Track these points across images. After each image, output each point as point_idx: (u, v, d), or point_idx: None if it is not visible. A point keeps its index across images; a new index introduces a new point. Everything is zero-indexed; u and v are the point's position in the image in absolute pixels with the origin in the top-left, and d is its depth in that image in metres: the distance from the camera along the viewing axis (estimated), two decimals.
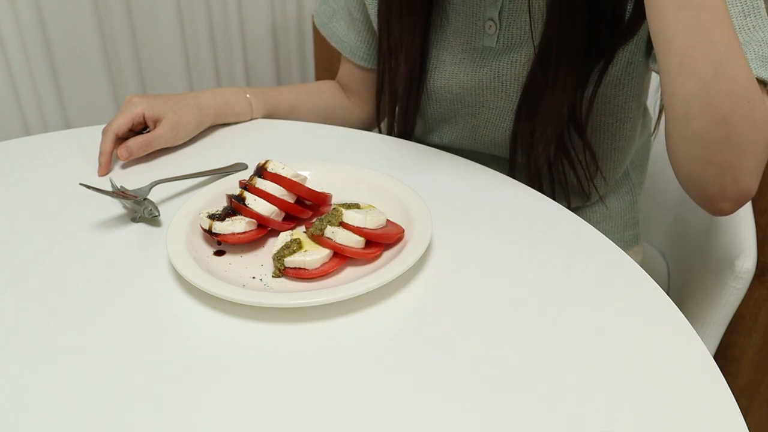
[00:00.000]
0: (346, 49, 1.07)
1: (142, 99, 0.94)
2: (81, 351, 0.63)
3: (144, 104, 0.93)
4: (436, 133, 1.03)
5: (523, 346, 0.62)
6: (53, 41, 1.46)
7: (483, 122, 0.96)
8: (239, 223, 0.72)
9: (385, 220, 0.73)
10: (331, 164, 0.86)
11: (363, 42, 1.06)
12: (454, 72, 0.94)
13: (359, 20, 1.04)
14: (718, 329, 0.92)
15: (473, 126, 0.97)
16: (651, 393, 0.58)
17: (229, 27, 1.65)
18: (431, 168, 0.90)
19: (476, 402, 0.57)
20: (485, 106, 0.94)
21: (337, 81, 1.15)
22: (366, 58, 1.07)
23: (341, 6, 1.06)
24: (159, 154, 0.94)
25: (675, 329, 0.65)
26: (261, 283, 0.69)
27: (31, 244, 0.77)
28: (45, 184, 0.88)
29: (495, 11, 0.88)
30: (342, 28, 1.06)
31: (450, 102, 0.97)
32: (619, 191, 1.02)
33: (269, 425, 0.56)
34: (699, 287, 0.95)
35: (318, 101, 1.11)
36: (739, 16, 0.75)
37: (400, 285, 0.68)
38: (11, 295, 0.70)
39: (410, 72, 0.95)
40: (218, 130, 1.02)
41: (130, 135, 0.94)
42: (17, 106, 1.45)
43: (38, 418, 0.56)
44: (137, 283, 0.71)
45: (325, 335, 0.64)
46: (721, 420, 0.55)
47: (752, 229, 0.92)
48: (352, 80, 1.12)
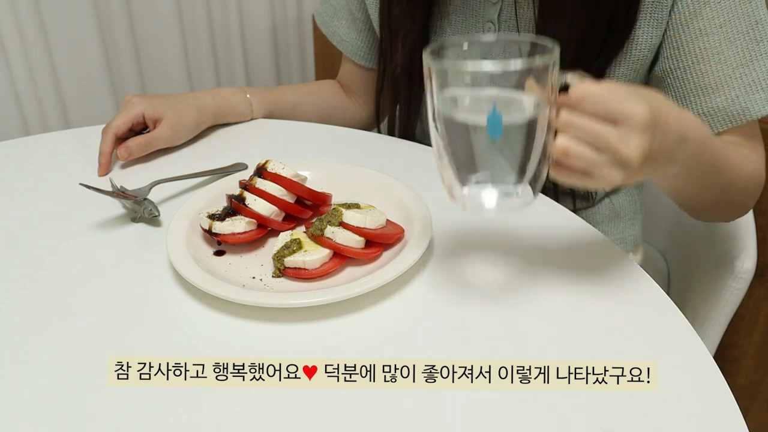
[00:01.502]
0: (347, 48, 1.07)
1: (141, 99, 0.94)
2: (81, 351, 0.63)
3: (143, 104, 0.93)
4: None
5: (522, 346, 0.62)
6: (53, 41, 1.45)
7: None
8: (239, 223, 0.72)
9: (385, 220, 0.73)
10: (331, 164, 0.86)
11: (364, 41, 1.06)
12: None
13: (360, 20, 1.04)
14: (718, 329, 0.92)
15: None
16: (651, 393, 0.58)
17: (229, 27, 1.65)
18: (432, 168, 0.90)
19: (476, 401, 0.57)
20: None
21: (337, 81, 1.15)
22: (367, 58, 1.07)
23: (342, 5, 1.06)
24: (159, 154, 0.94)
25: (675, 329, 0.65)
26: (261, 283, 0.69)
27: (31, 244, 0.77)
28: (45, 184, 0.88)
29: (494, 13, 0.88)
30: (343, 27, 1.06)
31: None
32: (620, 192, 1.02)
33: (269, 425, 0.56)
34: (699, 287, 0.95)
35: (318, 101, 1.11)
36: (751, 43, 0.77)
37: (400, 285, 0.68)
38: (11, 295, 0.70)
39: (409, 58, 0.93)
40: (218, 130, 1.02)
41: (129, 135, 0.94)
42: (17, 106, 1.45)
43: (39, 418, 0.56)
44: (137, 283, 0.71)
45: (325, 335, 0.64)
46: (721, 420, 0.55)
47: (752, 229, 0.92)
48: (352, 80, 1.12)
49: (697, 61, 0.79)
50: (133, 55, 1.56)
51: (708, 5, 0.76)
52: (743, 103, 0.78)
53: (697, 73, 0.79)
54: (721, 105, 0.79)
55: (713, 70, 0.78)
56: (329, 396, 0.58)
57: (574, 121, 0.54)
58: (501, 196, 0.57)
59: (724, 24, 0.76)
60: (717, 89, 0.79)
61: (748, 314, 1.37)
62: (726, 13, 0.76)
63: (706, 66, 0.79)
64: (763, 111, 0.78)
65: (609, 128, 0.54)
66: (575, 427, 0.55)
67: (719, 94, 0.79)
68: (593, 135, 0.54)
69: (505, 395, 0.58)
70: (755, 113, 0.78)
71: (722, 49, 0.77)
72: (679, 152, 0.60)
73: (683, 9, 0.77)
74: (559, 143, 0.54)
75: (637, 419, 0.55)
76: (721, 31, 0.77)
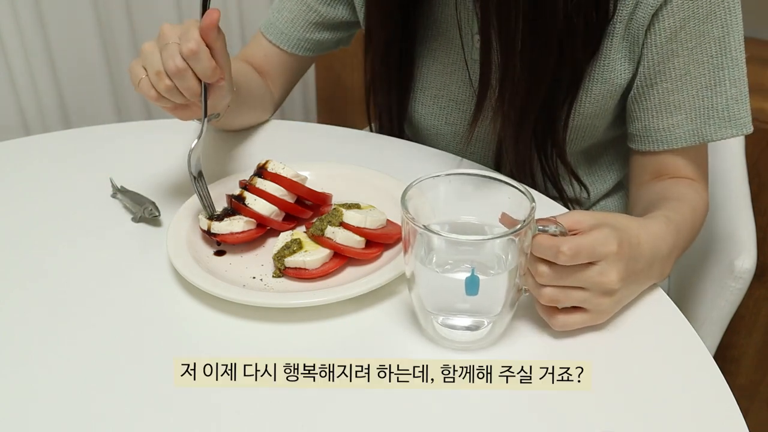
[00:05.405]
0: (270, 30, 1.00)
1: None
2: (81, 351, 0.63)
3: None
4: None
5: (522, 345, 0.62)
6: (53, 41, 1.45)
7: (473, 140, 0.94)
8: (237, 222, 0.72)
9: (386, 220, 0.73)
10: (331, 164, 0.86)
11: (294, 26, 0.99)
12: (445, 83, 0.93)
13: (315, 11, 0.97)
14: (718, 329, 0.92)
15: (465, 138, 0.95)
16: (651, 393, 0.58)
17: (229, 27, 1.65)
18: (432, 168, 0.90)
19: (477, 401, 0.57)
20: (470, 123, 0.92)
21: (247, 61, 1.02)
22: (291, 42, 1.00)
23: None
24: (159, 155, 0.94)
25: (675, 329, 0.65)
26: (261, 283, 0.69)
27: (32, 244, 0.77)
28: (45, 184, 0.88)
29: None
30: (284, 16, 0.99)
31: (436, 117, 0.96)
32: (615, 195, 1.01)
33: (270, 425, 0.56)
34: (699, 287, 0.95)
35: (257, 83, 0.99)
36: (717, 69, 0.78)
37: (400, 285, 0.68)
38: (11, 295, 0.70)
39: (387, 43, 0.90)
40: (218, 130, 1.02)
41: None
42: (17, 106, 1.45)
43: (40, 417, 0.56)
44: (137, 283, 0.71)
45: (325, 335, 0.64)
46: (721, 420, 0.56)
47: (752, 229, 0.91)
48: (269, 62, 1.02)
49: (664, 79, 0.80)
50: (133, 54, 1.56)
51: (684, 29, 0.76)
52: (701, 125, 0.80)
53: (663, 91, 0.80)
54: (679, 123, 0.81)
55: (678, 88, 0.79)
56: (329, 396, 0.58)
57: (558, 277, 0.59)
58: (471, 329, 0.61)
59: (696, 46, 0.77)
60: (679, 108, 0.80)
61: (748, 314, 1.38)
62: (699, 36, 0.77)
63: (673, 84, 0.80)
64: (716, 136, 0.80)
65: (589, 270, 0.59)
66: (575, 427, 0.55)
67: (680, 113, 0.80)
68: (579, 281, 0.60)
69: (505, 395, 0.58)
70: (710, 137, 0.80)
71: (690, 69, 0.78)
72: (655, 261, 0.66)
73: (660, 32, 0.77)
74: (547, 294, 0.60)
75: (637, 419, 0.55)
76: (692, 53, 0.77)
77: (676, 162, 0.83)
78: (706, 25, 0.76)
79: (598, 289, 0.60)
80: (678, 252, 0.73)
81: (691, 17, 0.76)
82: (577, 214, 0.61)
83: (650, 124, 0.82)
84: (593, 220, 0.61)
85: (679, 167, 0.84)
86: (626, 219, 0.65)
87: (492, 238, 0.57)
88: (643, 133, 0.83)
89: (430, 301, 0.60)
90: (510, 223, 0.58)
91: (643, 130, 0.83)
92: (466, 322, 0.61)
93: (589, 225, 0.60)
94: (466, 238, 0.55)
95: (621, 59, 0.81)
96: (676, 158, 0.83)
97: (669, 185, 0.83)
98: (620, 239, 0.60)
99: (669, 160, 0.84)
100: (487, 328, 0.61)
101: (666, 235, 0.69)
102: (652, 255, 0.66)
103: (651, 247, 0.65)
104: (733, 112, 0.79)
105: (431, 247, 0.59)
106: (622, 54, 0.81)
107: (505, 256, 0.58)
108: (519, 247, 0.56)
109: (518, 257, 0.57)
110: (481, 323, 0.61)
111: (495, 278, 0.58)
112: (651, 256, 0.65)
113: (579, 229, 0.60)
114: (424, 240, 0.58)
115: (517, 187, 0.59)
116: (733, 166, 0.98)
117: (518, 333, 0.63)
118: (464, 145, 0.95)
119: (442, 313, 0.61)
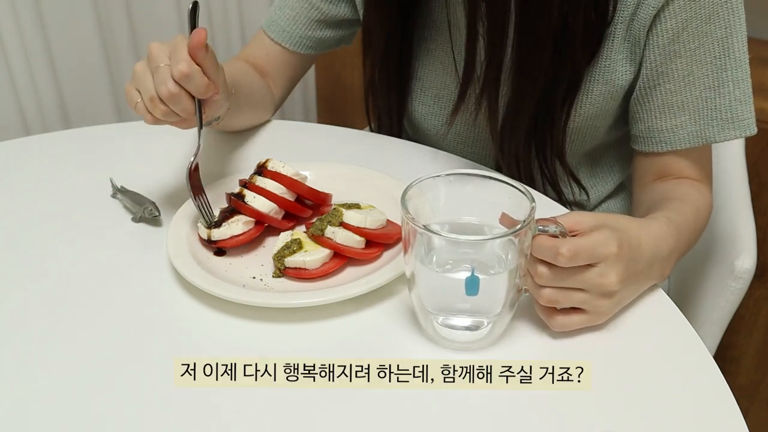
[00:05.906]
0: (273, 28, 1.00)
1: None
2: (81, 351, 0.63)
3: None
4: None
5: (522, 345, 0.62)
6: (53, 41, 1.45)
7: (472, 139, 0.95)
8: (236, 225, 0.72)
9: (386, 220, 0.73)
10: (331, 164, 0.86)
11: (296, 23, 0.98)
12: (445, 83, 0.93)
13: (317, 8, 0.97)
14: (718, 329, 0.92)
15: (465, 138, 0.96)
16: (651, 393, 0.58)
17: (229, 27, 1.65)
18: (432, 168, 0.90)
19: (477, 401, 0.57)
20: (470, 122, 0.92)
21: (247, 61, 1.01)
22: (293, 40, 0.99)
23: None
24: (159, 155, 0.94)
25: (675, 329, 0.65)
26: (261, 283, 0.69)
27: (32, 244, 0.77)
28: (45, 184, 0.88)
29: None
30: (286, 14, 0.99)
31: (436, 117, 0.96)
32: (617, 197, 1.01)
33: (270, 425, 0.56)
34: (699, 287, 0.95)
35: (258, 84, 0.99)
36: (720, 69, 0.77)
37: (400, 285, 0.68)
38: (11, 295, 0.70)
39: (386, 43, 0.90)
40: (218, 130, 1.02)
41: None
42: (17, 106, 1.45)
43: (40, 417, 0.56)
44: (137, 283, 0.71)
45: (325, 335, 0.64)
46: (721, 420, 0.56)
47: (752, 229, 0.91)
48: (269, 61, 1.01)
49: (667, 80, 0.79)
50: (133, 55, 1.56)
51: (686, 30, 0.76)
52: (704, 127, 0.80)
53: (666, 92, 0.80)
54: (682, 124, 0.80)
55: (680, 90, 0.79)
56: (329, 396, 0.58)
57: (557, 278, 0.59)
58: (471, 329, 0.61)
59: (699, 47, 0.77)
60: (682, 109, 0.80)
61: (748, 314, 1.38)
62: (702, 37, 0.76)
63: (675, 85, 0.79)
64: (720, 138, 0.80)
65: (588, 272, 0.59)
66: (575, 427, 0.55)
67: (683, 114, 0.80)
68: (578, 283, 0.59)
69: (505, 395, 0.58)
70: (713, 138, 0.80)
71: (692, 70, 0.78)
72: (656, 262, 0.66)
73: (662, 33, 0.77)
74: (547, 295, 0.60)
75: (637, 419, 0.55)
76: (695, 53, 0.77)
77: (679, 163, 0.83)
78: (708, 26, 0.76)
79: (598, 291, 0.60)
80: (679, 253, 0.73)
81: (693, 18, 0.75)
82: (577, 215, 0.61)
83: (653, 125, 0.82)
84: (593, 220, 0.61)
85: (683, 168, 0.83)
86: (627, 220, 0.65)
87: (492, 238, 0.57)
88: (646, 134, 0.83)
89: (430, 301, 0.60)
90: (510, 224, 0.58)
91: (646, 132, 0.83)
92: (466, 322, 0.61)
93: (589, 226, 0.60)
94: (466, 238, 0.55)
95: (622, 60, 0.81)
96: (679, 159, 0.83)
97: (672, 186, 0.83)
98: (620, 241, 0.60)
99: (672, 161, 0.84)
100: (487, 328, 0.61)
101: (667, 235, 0.69)
102: (653, 256, 0.65)
103: (651, 248, 0.65)
104: (737, 113, 0.79)
105: (431, 247, 0.59)
106: (623, 55, 0.81)
107: (505, 256, 0.58)
108: (519, 247, 0.56)
109: (518, 257, 0.57)
110: (481, 323, 0.61)
111: (495, 278, 0.58)
112: (651, 257, 0.65)
113: (579, 230, 0.60)
114: (424, 240, 0.58)
115: (517, 187, 0.59)
116: (733, 167, 0.98)
117: (518, 333, 0.63)
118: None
119: (442, 313, 0.61)
